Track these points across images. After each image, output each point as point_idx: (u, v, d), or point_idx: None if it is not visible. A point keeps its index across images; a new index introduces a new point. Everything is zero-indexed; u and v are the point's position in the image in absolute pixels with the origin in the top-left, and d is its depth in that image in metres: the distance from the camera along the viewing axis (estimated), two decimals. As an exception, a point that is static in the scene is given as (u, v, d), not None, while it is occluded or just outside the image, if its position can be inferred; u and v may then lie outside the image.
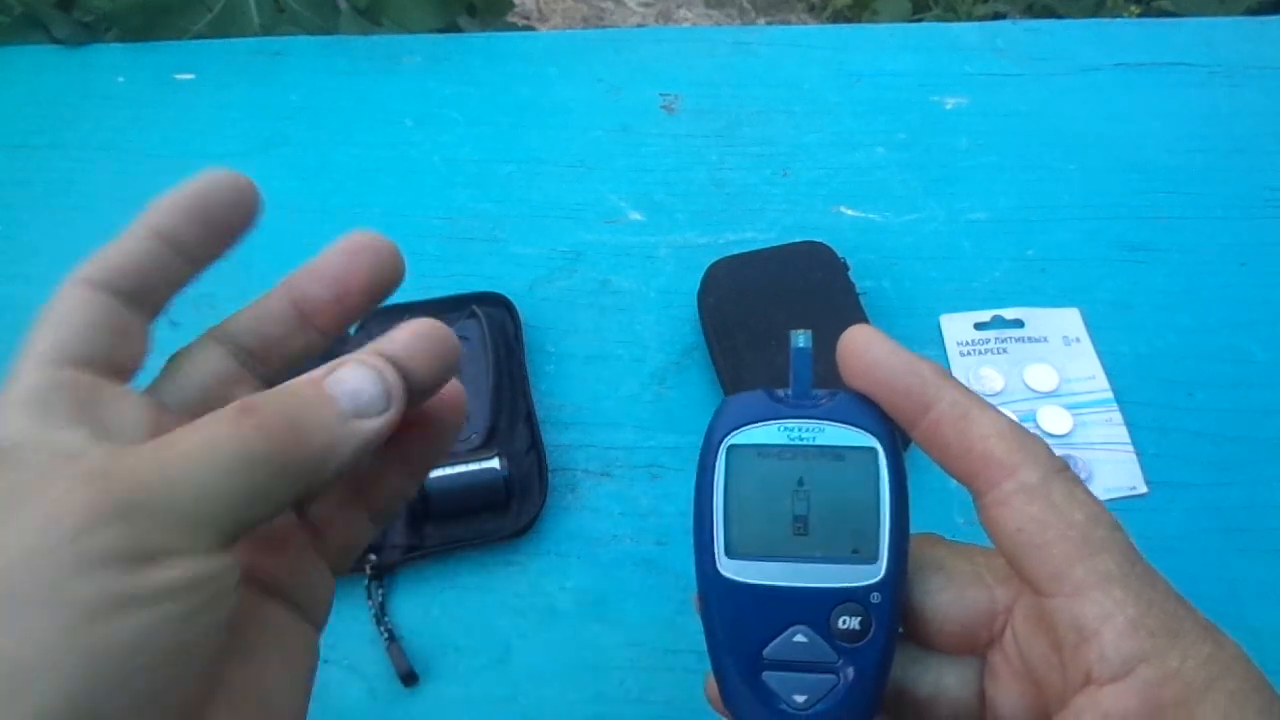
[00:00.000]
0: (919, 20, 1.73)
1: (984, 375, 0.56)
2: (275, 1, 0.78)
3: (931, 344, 0.58)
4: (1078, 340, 0.58)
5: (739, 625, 0.27)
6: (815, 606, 0.26)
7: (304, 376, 0.25)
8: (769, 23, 1.98)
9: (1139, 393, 0.56)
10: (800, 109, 0.71)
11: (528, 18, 1.90)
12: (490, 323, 0.56)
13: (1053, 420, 0.54)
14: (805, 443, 0.27)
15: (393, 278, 0.27)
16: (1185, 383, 0.56)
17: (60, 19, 0.75)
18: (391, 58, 0.75)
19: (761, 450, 0.27)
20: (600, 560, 0.51)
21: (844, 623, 0.26)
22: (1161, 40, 0.75)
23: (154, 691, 0.20)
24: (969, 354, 0.57)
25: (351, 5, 0.79)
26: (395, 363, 0.25)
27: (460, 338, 0.29)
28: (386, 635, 0.47)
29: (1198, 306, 0.60)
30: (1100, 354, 0.57)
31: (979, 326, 0.59)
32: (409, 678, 0.46)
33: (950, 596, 0.27)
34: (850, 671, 0.26)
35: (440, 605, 0.49)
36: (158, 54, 0.75)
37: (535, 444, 0.52)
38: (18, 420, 0.22)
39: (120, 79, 0.74)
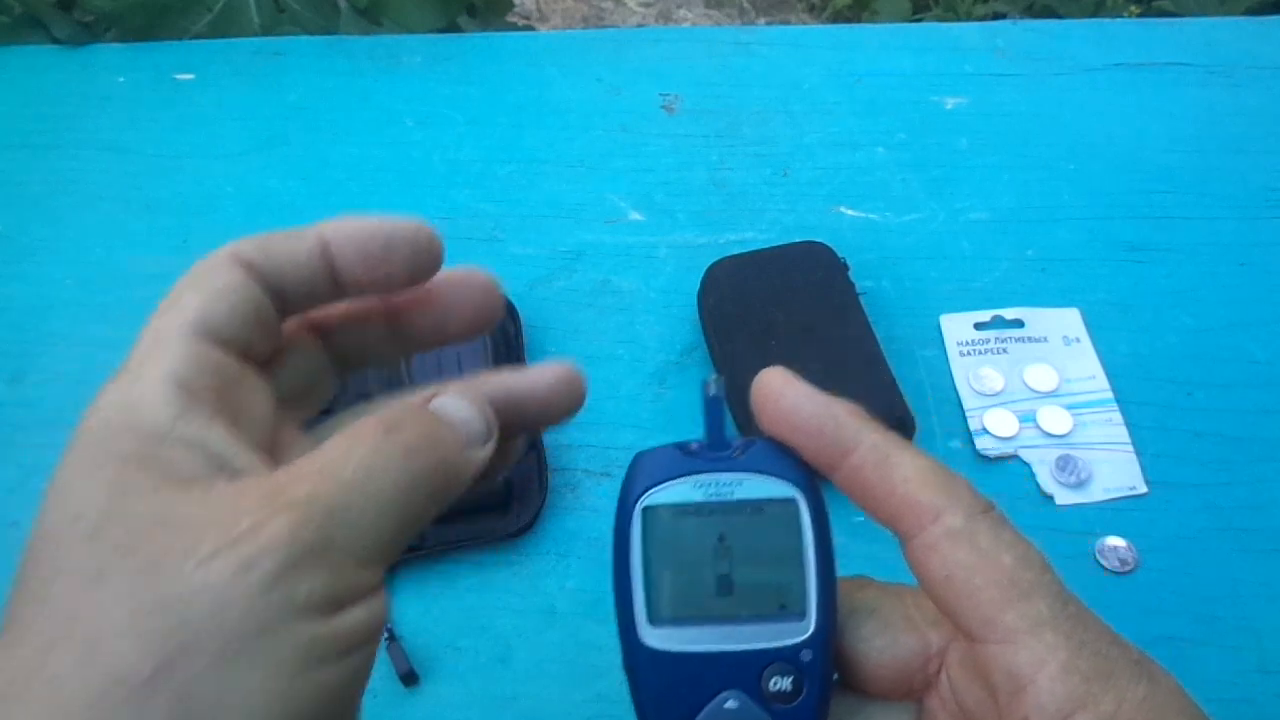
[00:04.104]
0: (919, 20, 1.73)
1: (984, 375, 0.56)
2: (275, 1, 0.78)
3: (931, 344, 0.58)
4: (1078, 340, 0.58)
5: (667, 696, 0.26)
6: (745, 669, 0.25)
7: (405, 401, 0.24)
8: (769, 23, 1.98)
9: (1139, 393, 0.56)
10: (800, 109, 0.71)
11: (528, 18, 1.90)
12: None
13: (1053, 420, 0.54)
14: (723, 498, 0.26)
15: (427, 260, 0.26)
16: (1185, 383, 0.56)
17: (60, 19, 0.75)
18: (391, 58, 0.75)
19: (678, 509, 0.26)
20: (600, 560, 0.51)
21: (775, 684, 0.25)
22: (1161, 40, 0.75)
23: None
24: (969, 354, 0.57)
25: (351, 5, 0.79)
26: (518, 399, 0.26)
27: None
28: (386, 635, 0.47)
29: (1198, 306, 0.60)
30: (1100, 354, 0.57)
31: (979, 326, 0.59)
32: (409, 678, 0.46)
33: (884, 642, 0.26)
34: None
35: (440, 605, 0.49)
36: (158, 54, 0.75)
37: (535, 444, 0.52)
38: (157, 403, 0.21)
39: (120, 79, 0.74)
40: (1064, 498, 0.52)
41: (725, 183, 0.67)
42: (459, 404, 0.25)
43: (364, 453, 0.21)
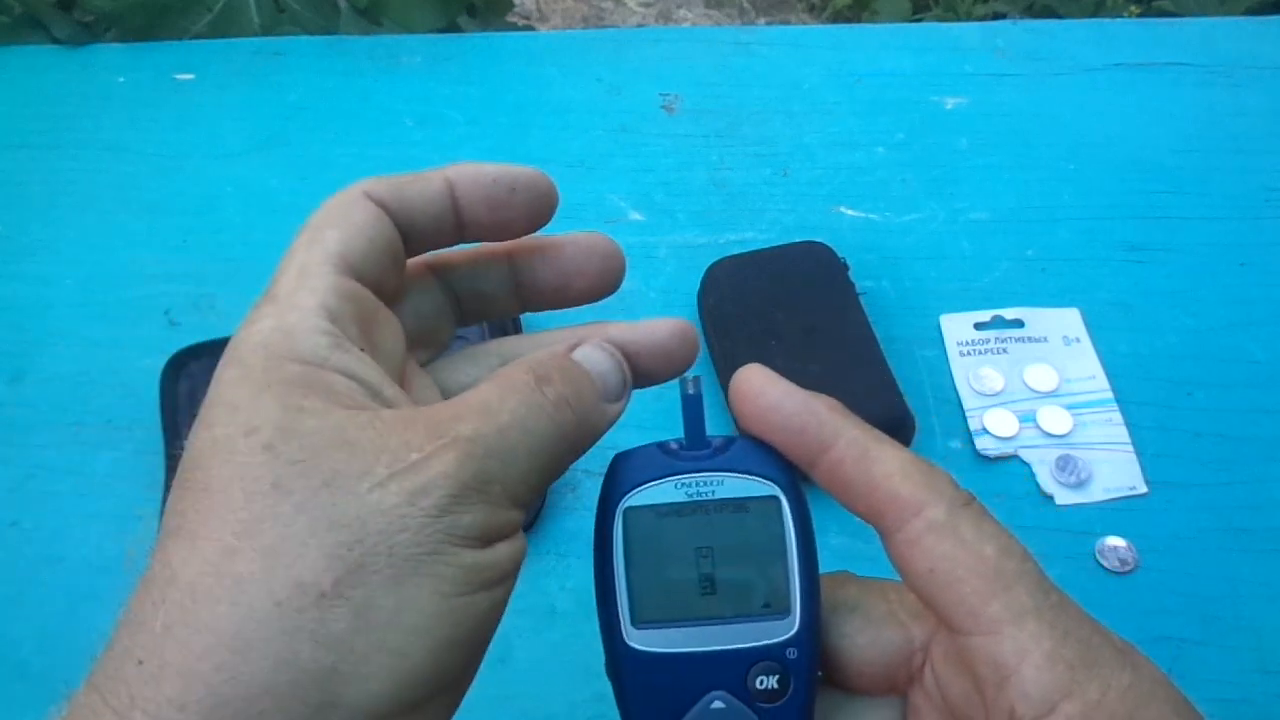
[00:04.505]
0: (919, 20, 1.73)
1: (984, 375, 0.56)
2: (275, 1, 0.78)
3: (931, 344, 0.58)
4: (1078, 340, 0.58)
5: (653, 698, 0.26)
6: (731, 669, 0.25)
7: (551, 350, 0.25)
8: (769, 23, 1.98)
9: (1139, 393, 0.56)
10: (800, 109, 0.71)
11: (528, 18, 1.90)
12: (490, 324, 0.56)
13: (1053, 420, 0.54)
14: (705, 498, 0.26)
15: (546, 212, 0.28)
16: (1185, 383, 0.56)
17: (60, 19, 0.75)
18: (391, 58, 0.75)
19: (660, 510, 0.26)
20: (600, 560, 0.51)
21: (762, 683, 0.25)
22: (1161, 40, 0.75)
23: (473, 666, 0.22)
24: (969, 354, 0.57)
25: (351, 5, 0.79)
26: (637, 353, 0.27)
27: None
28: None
29: (1198, 306, 0.60)
30: (1100, 354, 0.57)
31: (979, 326, 0.59)
32: (409, 678, 0.46)
33: (867, 638, 0.26)
34: None
35: (440, 605, 0.49)
36: (158, 54, 0.75)
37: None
38: (312, 331, 0.22)
39: (120, 79, 0.74)
40: (1064, 498, 0.52)
41: (725, 183, 0.67)
42: (600, 356, 0.26)
43: (518, 400, 0.22)
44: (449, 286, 0.29)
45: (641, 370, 0.27)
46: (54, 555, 0.50)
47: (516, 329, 0.57)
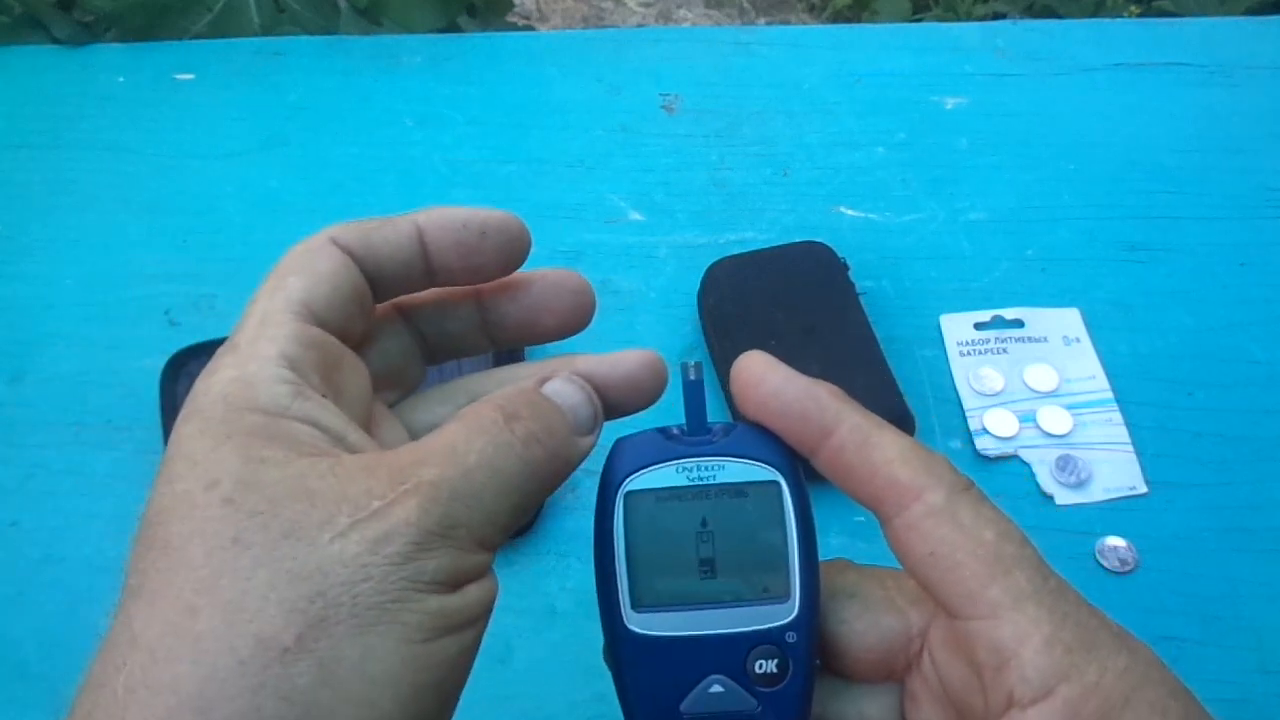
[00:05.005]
0: (919, 20, 1.73)
1: (984, 375, 0.56)
2: (275, 1, 0.78)
3: (931, 344, 0.58)
4: (1078, 340, 0.58)
5: (652, 681, 0.26)
6: (730, 653, 0.25)
7: (519, 386, 0.25)
8: (769, 23, 1.98)
9: (1139, 393, 0.56)
10: (800, 109, 0.71)
11: (528, 18, 1.90)
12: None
13: (1053, 420, 0.54)
14: (705, 482, 0.26)
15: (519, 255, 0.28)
16: (1185, 383, 0.56)
17: (60, 19, 0.75)
18: (391, 58, 0.75)
19: (660, 494, 0.26)
20: (600, 560, 0.51)
21: (761, 667, 0.25)
22: (1161, 40, 0.75)
23: (447, 711, 0.22)
24: (969, 354, 0.57)
25: (351, 5, 0.79)
26: (605, 385, 0.26)
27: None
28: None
29: (1198, 306, 0.60)
30: (1100, 354, 0.57)
31: (979, 326, 0.59)
32: (409, 678, 0.46)
33: (865, 625, 0.26)
34: (771, 718, 0.25)
35: (440, 605, 0.49)
36: (158, 54, 0.75)
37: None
38: (272, 381, 0.22)
39: (120, 79, 0.74)
40: (1064, 498, 0.52)
41: (725, 183, 0.67)
42: (570, 389, 0.25)
43: (485, 440, 0.22)
44: (415, 327, 0.28)
45: (611, 402, 0.27)
46: (54, 555, 0.50)
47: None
